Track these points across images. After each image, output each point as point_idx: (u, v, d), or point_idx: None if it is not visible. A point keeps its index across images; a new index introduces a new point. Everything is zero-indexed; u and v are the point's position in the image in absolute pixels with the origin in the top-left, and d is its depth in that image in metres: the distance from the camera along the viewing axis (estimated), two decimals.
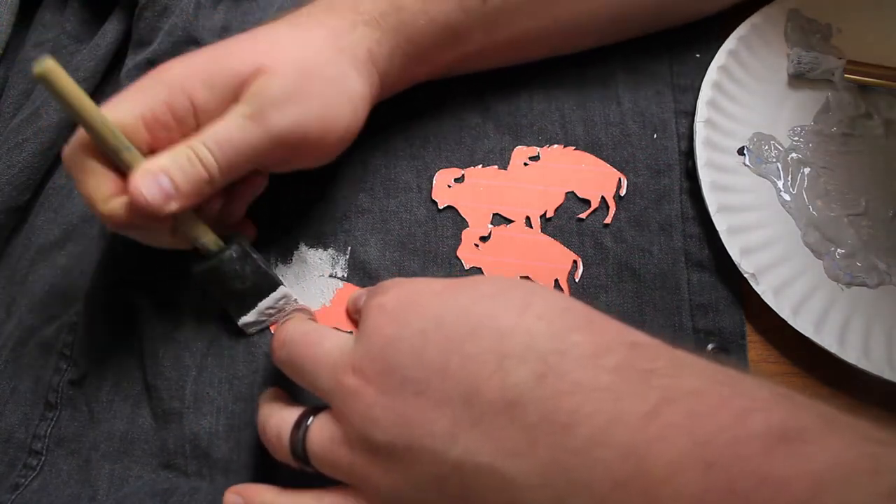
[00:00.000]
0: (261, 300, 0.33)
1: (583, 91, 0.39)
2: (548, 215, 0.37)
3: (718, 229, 0.35)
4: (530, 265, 0.36)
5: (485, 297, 0.24)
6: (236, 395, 0.33)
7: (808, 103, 0.39)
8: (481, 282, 0.26)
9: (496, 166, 0.38)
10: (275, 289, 0.34)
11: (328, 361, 0.26)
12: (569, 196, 0.37)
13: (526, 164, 0.38)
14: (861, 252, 0.35)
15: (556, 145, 0.38)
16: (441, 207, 0.37)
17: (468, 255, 0.36)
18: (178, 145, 0.28)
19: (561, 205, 0.37)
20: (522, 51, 0.38)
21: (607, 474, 0.20)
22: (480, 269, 0.36)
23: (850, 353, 0.33)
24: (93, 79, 0.40)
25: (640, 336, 0.24)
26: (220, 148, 0.28)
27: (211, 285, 0.33)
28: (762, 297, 0.34)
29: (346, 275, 0.36)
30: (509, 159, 0.38)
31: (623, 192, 0.37)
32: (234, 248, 0.32)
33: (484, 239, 0.36)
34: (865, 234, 0.36)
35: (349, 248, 0.36)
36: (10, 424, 0.34)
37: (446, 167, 0.38)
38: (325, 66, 0.30)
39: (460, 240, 0.36)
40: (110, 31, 0.41)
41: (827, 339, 0.33)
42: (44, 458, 0.33)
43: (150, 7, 0.40)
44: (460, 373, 0.23)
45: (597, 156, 0.38)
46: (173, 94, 0.28)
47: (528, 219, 0.36)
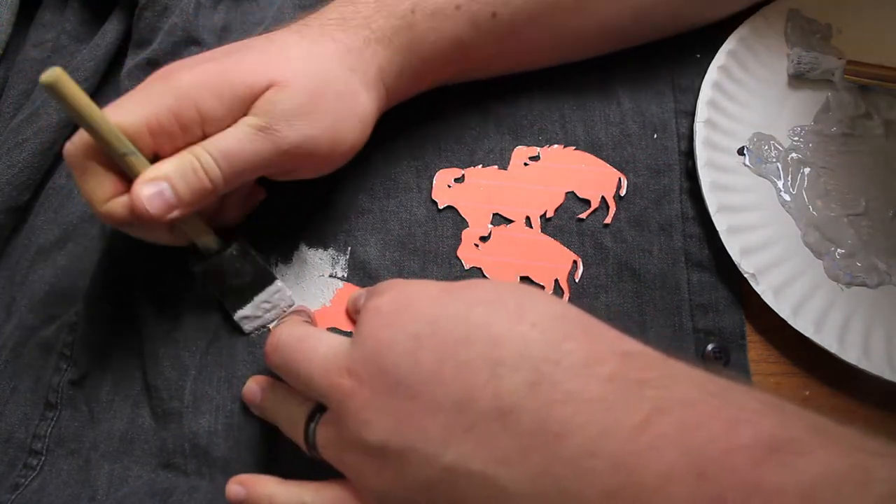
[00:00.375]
0: (257, 294, 0.34)
1: (583, 91, 0.39)
2: (548, 215, 0.37)
3: (718, 229, 0.35)
4: (530, 265, 0.36)
5: (480, 302, 0.24)
6: (235, 394, 0.33)
7: (808, 103, 0.39)
8: (477, 287, 0.26)
9: (496, 166, 0.38)
10: (271, 282, 0.34)
11: (322, 364, 0.26)
12: (569, 196, 0.37)
13: (526, 164, 0.38)
14: (861, 252, 0.35)
15: (556, 145, 0.38)
16: (441, 207, 0.37)
17: (468, 255, 0.36)
18: (184, 152, 0.28)
19: (561, 205, 0.37)
20: (528, 61, 0.38)
21: (598, 484, 0.20)
22: (480, 269, 0.36)
23: (850, 353, 0.33)
24: (93, 79, 0.40)
25: (633, 345, 0.24)
26: (225, 159, 0.28)
27: (210, 283, 0.33)
28: (762, 297, 0.34)
29: (346, 275, 0.36)
30: (509, 159, 0.38)
31: (623, 192, 0.37)
32: (234, 247, 0.33)
33: (484, 239, 0.36)
34: (865, 234, 0.36)
35: (349, 248, 0.36)
36: (10, 424, 0.34)
37: (446, 167, 0.38)
38: (337, 83, 0.30)
39: (460, 240, 0.36)
40: (110, 31, 0.41)
41: (827, 339, 0.33)
42: (44, 458, 0.33)
43: (150, 7, 0.40)
44: (454, 379, 0.23)
45: (597, 156, 0.38)
46: (181, 103, 0.28)
47: (528, 219, 0.36)
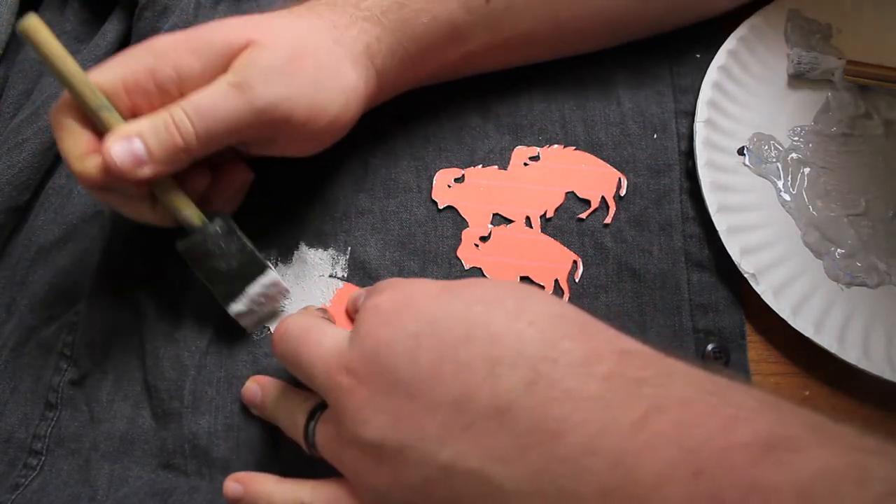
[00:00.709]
0: (248, 284, 0.33)
1: (583, 91, 0.39)
2: (548, 215, 0.37)
3: (718, 229, 0.35)
4: (530, 265, 0.36)
5: (478, 301, 0.24)
6: (235, 394, 0.33)
7: (808, 103, 0.39)
8: (476, 286, 0.26)
9: (496, 166, 0.38)
10: (262, 271, 0.33)
11: (325, 359, 0.26)
12: (569, 196, 0.37)
13: (526, 164, 0.38)
14: (861, 252, 0.35)
15: (556, 145, 0.38)
16: (441, 207, 0.37)
17: (468, 255, 0.36)
18: (159, 111, 0.28)
19: (561, 205, 0.37)
20: (524, 53, 0.38)
21: (595, 483, 0.20)
22: (480, 269, 0.36)
23: (850, 353, 0.33)
24: None
25: (631, 343, 0.24)
26: (199, 115, 0.28)
27: (194, 263, 0.32)
28: (762, 297, 0.34)
29: (346, 275, 0.36)
30: (509, 159, 0.38)
31: (623, 192, 0.37)
32: (217, 223, 0.32)
33: (484, 239, 0.36)
34: (865, 234, 0.36)
35: (349, 248, 0.36)
36: (10, 424, 0.34)
37: (446, 167, 0.38)
38: (319, 51, 0.30)
39: (460, 240, 0.36)
40: (110, 31, 0.41)
41: (827, 339, 0.33)
42: (44, 458, 0.33)
43: (150, 7, 0.40)
44: (453, 378, 0.23)
45: (597, 156, 0.38)
46: (158, 62, 0.28)
47: (528, 219, 0.36)
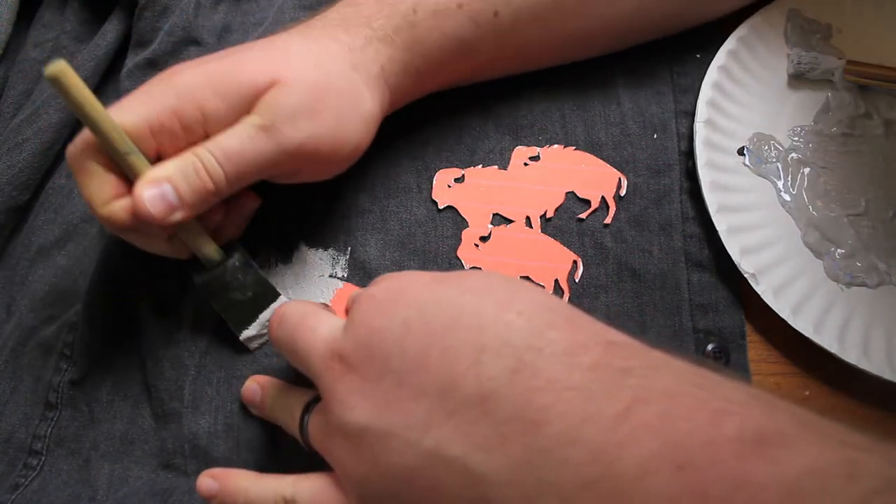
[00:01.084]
0: (261, 311, 0.33)
1: (583, 91, 0.39)
2: (548, 215, 0.37)
3: (718, 229, 0.35)
4: (530, 265, 0.36)
5: (469, 291, 0.24)
6: (235, 394, 0.33)
7: (808, 103, 0.39)
8: (468, 276, 0.26)
9: (496, 166, 0.38)
10: (275, 299, 0.34)
11: (319, 345, 0.26)
12: (569, 196, 0.37)
13: (526, 164, 0.38)
14: (861, 252, 0.35)
15: (556, 145, 0.38)
16: (441, 207, 0.37)
17: (468, 255, 0.36)
18: (185, 153, 0.28)
19: (561, 205, 0.37)
20: (530, 61, 0.38)
21: (575, 474, 0.19)
22: (480, 269, 0.36)
23: (850, 353, 0.33)
24: (93, 79, 0.40)
25: (618, 335, 0.23)
26: (228, 159, 0.28)
27: (212, 296, 0.33)
28: (762, 297, 0.34)
29: (346, 275, 0.36)
30: (509, 159, 0.38)
31: (623, 192, 0.37)
32: (236, 258, 0.32)
33: (484, 239, 0.36)
34: (865, 234, 0.36)
35: (349, 248, 0.36)
36: (10, 424, 0.34)
37: (446, 167, 0.38)
38: (339, 81, 0.30)
39: (460, 240, 0.36)
40: (110, 31, 0.41)
41: (827, 339, 0.33)
42: (44, 458, 0.33)
43: (150, 7, 0.40)
44: (439, 364, 0.23)
45: (597, 156, 0.38)
46: (182, 102, 0.28)
47: (528, 219, 0.36)
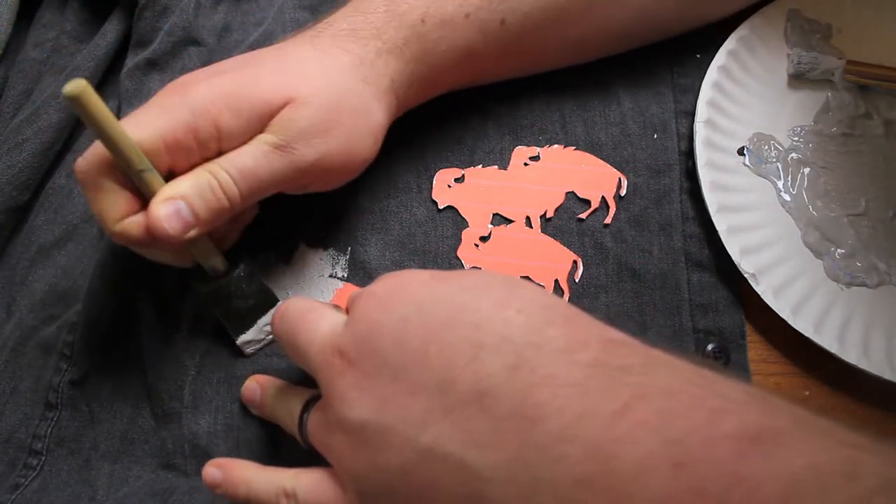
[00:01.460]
0: (260, 317, 0.34)
1: (583, 91, 0.39)
2: (548, 215, 0.37)
3: (718, 229, 0.35)
4: (530, 265, 0.36)
5: (468, 288, 0.24)
6: (235, 394, 0.33)
7: (808, 103, 0.39)
8: (467, 275, 0.26)
9: (496, 166, 0.38)
10: (274, 305, 0.34)
11: (320, 341, 0.26)
12: (569, 196, 0.37)
13: (526, 164, 0.38)
14: (861, 252, 0.35)
15: (556, 145, 0.38)
16: (441, 207, 0.37)
17: (468, 255, 0.36)
18: (200, 170, 0.28)
19: (561, 205, 0.37)
20: (532, 66, 0.38)
21: (571, 471, 0.19)
22: (480, 269, 0.36)
23: (850, 353, 0.33)
24: (93, 79, 0.40)
25: (617, 334, 0.23)
26: (243, 177, 0.28)
27: (215, 305, 0.33)
28: (762, 297, 0.34)
29: (346, 275, 0.36)
30: (509, 159, 0.38)
31: (623, 192, 0.37)
32: (242, 269, 0.32)
33: (484, 239, 0.36)
34: (865, 234, 0.36)
35: (349, 248, 0.36)
36: (10, 424, 0.34)
37: (446, 167, 0.38)
38: (352, 97, 0.30)
39: (460, 240, 0.36)
40: (110, 31, 0.41)
41: (827, 339, 0.33)
42: (44, 458, 0.33)
43: (150, 7, 0.40)
44: (437, 361, 0.23)
45: (597, 156, 0.38)
46: (197, 118, 0.27)
47: (528, 219, 0.36)
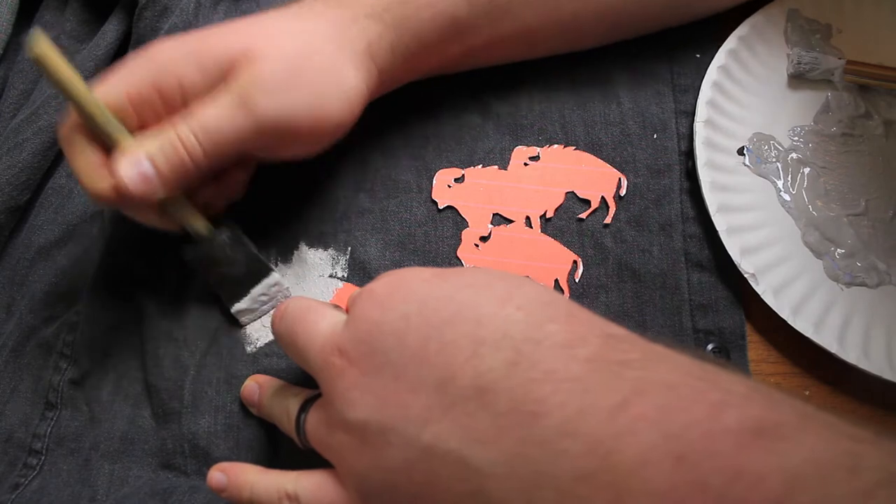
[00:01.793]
0: (254, 286, 0.34)
1: (583, 91, 0.39)
2: (548, 215, 0.37)
3: (718, 229, 0.35)
4: (530, 265, 0.36)
5: (468, 286, 0.24)
6: (235, 394, 0.33)
7: (808, 103, 0.39)
8: (468, 272, 0.26)
9: (496, 166, 0.38)
10: (267, 274, 0.34)
11: (320, 340, 0.26)
12: (569, 196, 0.37)
13: (526, 164, 0.38)
14: (861, 252, 0.35)
15: (556, 145, 0.38)
16: (441, 207, 0.37)
17: (468, 255, 0.36)
18: (164, 128, 0.28)
19: (561, 205, 0.37)
20: (523, 48, 0.37)
21: (571, 466, 0.19)
22: None
23: (850, 353, 0.33)
24: (93, 79, 0.40)
25: (617, 329, 0.23)
26: (205, 134, 0.28)
27: (204, 271, 0.33)
28: (762, 297, 0.34)
29: (346, 275, 0.36)
30: (509, 159, 0.38)
31: (623, 192, 0.37)
32: (225, 234, 0.33)
33: (484, 239, 0.36)
34: (865, 234, 0.36)
35: (349, 248, 0.36)
36: (10, 424, 0.34)
37: (446, 167, 0.38)
38: (319, 57, 0.30)
39: (460, 240, 0.36)
40: (110, 31, 0.41)
41: (827, 339, 0.33)
42: (44, 458, 0.33)
43: (150, 7, 0.40)
44: (437, 358, 0.23)
45: (597, 156, 0.38)
46: (161, 74, 0.28)
47: (528, 219, 0.36)
